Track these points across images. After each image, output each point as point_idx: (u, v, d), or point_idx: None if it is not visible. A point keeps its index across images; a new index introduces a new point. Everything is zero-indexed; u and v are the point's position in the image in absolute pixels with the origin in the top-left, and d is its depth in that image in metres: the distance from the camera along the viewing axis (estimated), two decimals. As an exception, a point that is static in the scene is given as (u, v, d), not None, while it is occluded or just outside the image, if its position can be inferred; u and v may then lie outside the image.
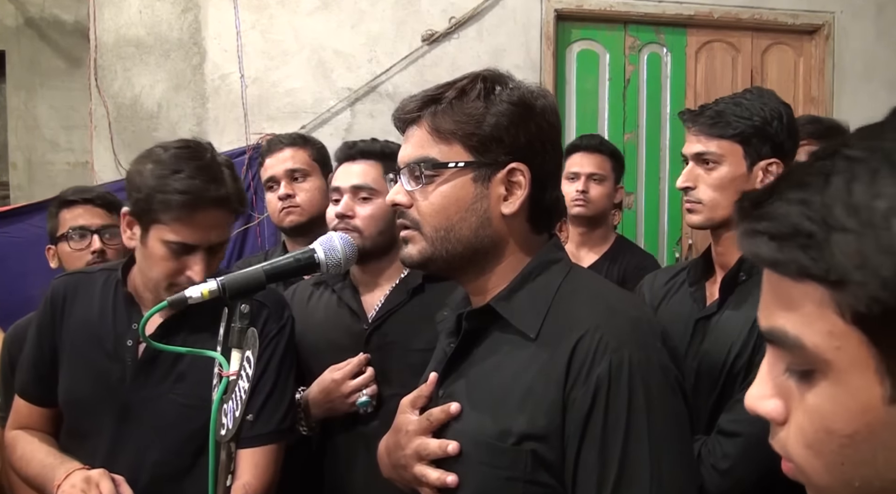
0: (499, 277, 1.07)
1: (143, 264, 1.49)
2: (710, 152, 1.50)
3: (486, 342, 1.07)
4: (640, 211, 4.08)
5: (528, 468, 0.96)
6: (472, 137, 1.02)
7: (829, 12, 4.06)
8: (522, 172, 1.03)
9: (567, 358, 0.96)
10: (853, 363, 0.49)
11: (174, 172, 1.39)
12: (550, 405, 0.96)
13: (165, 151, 1.44)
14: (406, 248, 1.08)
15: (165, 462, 1.48)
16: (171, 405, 1.48)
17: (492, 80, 1.05)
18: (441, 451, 1.04)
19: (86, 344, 1.53)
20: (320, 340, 1.70)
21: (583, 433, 0.94)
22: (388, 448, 1.15)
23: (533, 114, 1.04)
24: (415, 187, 1.05)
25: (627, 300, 1.10)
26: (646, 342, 0.99)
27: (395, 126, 1.11)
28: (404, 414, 1.13)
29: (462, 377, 1.08)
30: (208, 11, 3.62)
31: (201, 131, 3.61)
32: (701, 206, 1.51)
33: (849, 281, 0.48)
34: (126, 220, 1.48)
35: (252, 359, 1.09)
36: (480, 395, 1.04)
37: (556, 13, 3.83)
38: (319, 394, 1.64)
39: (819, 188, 0.50)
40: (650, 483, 0.92)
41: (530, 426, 0.96)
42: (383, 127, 3.69)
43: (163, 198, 1.38)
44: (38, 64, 4.00)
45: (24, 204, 3.18)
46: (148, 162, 1.43)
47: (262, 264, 1.17)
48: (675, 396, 0.98)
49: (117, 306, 1.55)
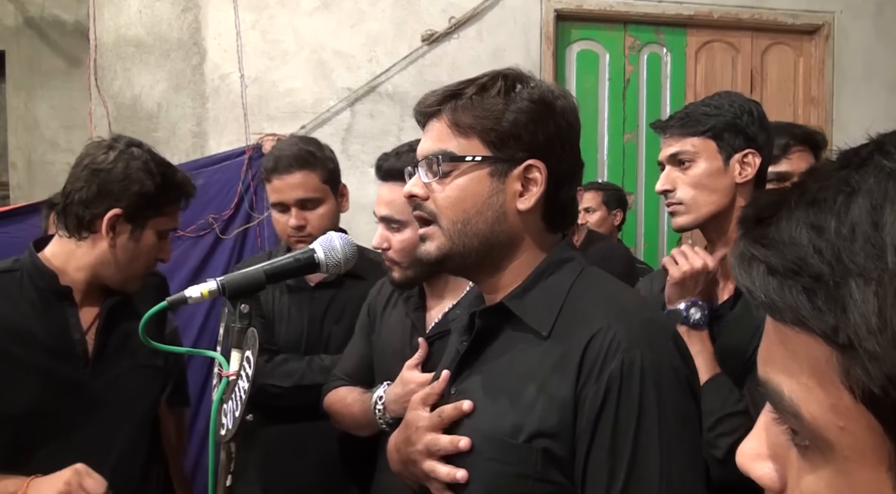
0: (512, 274, 1.07)
1: (122, 259, 1.55)
2: (684, 151, 1.50)
3: (499, 340, 1.08)
4: (639, 211, 4.08)
5: (538, 465, 0.96)
6: (490, 132, 1.03)
7: (829, 12, 4.06)
8: (539, 169, 1.04)
9: (579, 356, 0.97)
10: (860, 451, 0.38)
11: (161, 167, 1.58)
12: (562, 402, 0.96)
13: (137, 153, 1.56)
14: (424, 245, 1.08)
15: (125, 459, 1.55)
16: (137, 374, 1.56)
17: (513, 78, 1.06)
18: (453, 447, 1.04)
19: (17, 349, 1.45)
20: (387, 345, 1.70)
21: (593, 431, 0.95)
22: (398, 444, 1.16)
23: (552, 113, 1.05)
24: (432, 179, 1.06)
25: (639, 301, 1.11)
26: (657, 342, 0.99)
27: (416, 120, 1.12)
28: (415, 411, 1.14)
29: (474, 374, 1.09)
30: (208, 11, 3.62)
31: (201, 131, 3.61)
32: (683, 207, 1.50)
33: (862, 349, 0.36)
34: (108, 223, 1.50)
35: (252, 359, 1.09)
36: (492, 392, 1.04)
37: (556, 13, 3.83)
38: (399, 393, 1.59)
39: (836, 210, 0.38)
40: (659, 482, 0.93)
41: (542, 424, 0.97)
42: (383, 127, 3.70)
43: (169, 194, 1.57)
44: (37, 64, 4.00)
45: (24, 204, 3.18)
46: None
47: (262, 264, 1.18)
48: (686, 396, 0.98)
49: (45, 303, 1.52)
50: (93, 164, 1.51)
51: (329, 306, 1.95)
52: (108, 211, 1.50)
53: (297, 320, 1.95)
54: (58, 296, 1.53)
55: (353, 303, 1.90)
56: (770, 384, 0.43)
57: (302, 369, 1.87)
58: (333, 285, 1.95)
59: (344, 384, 1.72)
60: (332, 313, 1.95)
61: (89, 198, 1.49)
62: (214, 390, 1.10)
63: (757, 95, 4.09)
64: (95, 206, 1.49)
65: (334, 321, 1.95)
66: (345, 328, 1.91)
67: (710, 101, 1.52)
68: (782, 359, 0.41)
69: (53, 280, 1.52)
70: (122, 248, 1.53)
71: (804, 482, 0.42)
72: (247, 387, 1.08)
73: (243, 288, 1.13)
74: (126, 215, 1.50)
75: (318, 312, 1.95)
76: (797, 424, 0.41)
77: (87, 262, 1.54)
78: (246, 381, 1.08)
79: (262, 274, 1.15)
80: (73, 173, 1.53)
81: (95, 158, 1.51)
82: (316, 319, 1.94)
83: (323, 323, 1.95)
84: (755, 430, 0.47)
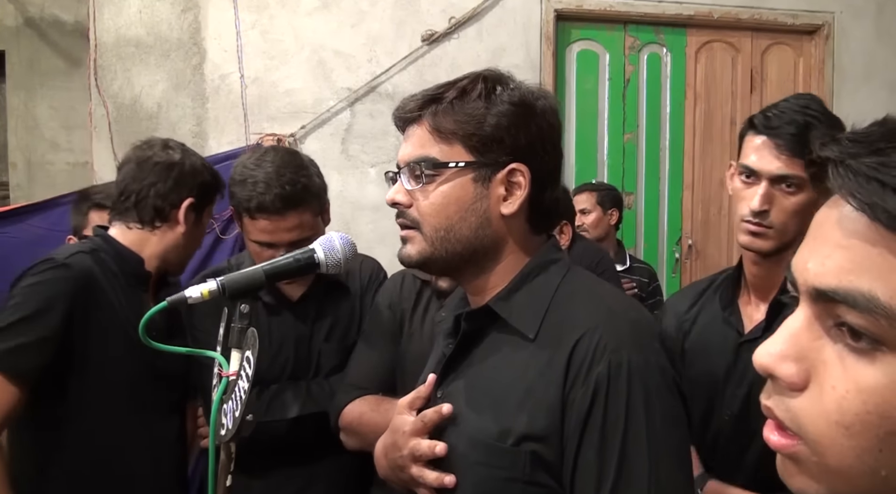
0: (497, 277, 1.07)
1: (188, 244, 1.73)
2: (794, 176, 1.34)
3: (485, 343, 1.07)
4: (639, 211, 4.08)
5: (526, 468, 0.96)
6: (472, 137, 1.02)
7: (829, 12, 4.06)
8: (522, 172, 1.03)
9: (566, 359, 0.96)
10: None
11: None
12: (550, 405, 0.96)
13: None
14: (405, 248, 1.08)
15: (182, 434, 1.78)
16: (183, 359, 1.59)
17: (493, 80, 1.05)
18: (430, 452, 1.04)
19: (130, 322, 1.54)
20: (426, 351, 1.57)
21: (581, 433, 0.94)
22: (386, 449, 1.15)
23: (533, 114, 1.04)
24: (415, 186, 1.04)
25: (625, 301, 1.10)
26: (644, 343, 0.99)
27: (396, 125, 1.11)
28: (401, 415, 1.13)
29: (461, 377, 1.08)
30: (208, 11, 3.62)
31: (201, 131, 3.61)
32: (772, 231, 1.36)
33: None
34: (185, 211, 1.68)
35: (252, 359, 1.09)
36: (479, 396, 1.04)
37: (556, 13, 3.83)
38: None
39: None
40: (648, 484, 0.92)
41: (530, 427, 0.96)
42: (383, 127, 3.70)
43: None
44: (37, 64, 4.00)
45: (24, 204, 3.17)
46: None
47: (262, 263, 1.17)
48: (674, 397, 0.98)
49: (128, 286, 1.64)
50: (162, 161, 1.67)
51: (315, 323, 1.75)
52: (183, 201, 1.67)
53: (280, 342, 1.72)
54: (138, 280, 1.66)
55: (342, 316, 1.77)
56: (856, 291, 0.48)
57: (301, 397, 1.67)
58: (316, 298, 1.76)
59: (361, 396, 1.58)
60: (319, 330, 1.75)
61: (167, 190, 1.66)
62: (214, 390, 1.10)
63: (757, 96, 4.09)
64: (172, 197, 1.67)
65: (322, 339, 1.75)
66: (336, 345, 1.75)
67: (823, 117, 1.37)
68: (881, 268, 0.48)
69: (140, 265, 1.67)
70: (189, 234, 1.71)
71: (862, 373, 0.48)
72: (246, 387, 1.08)
73: (243, 288, 1.13)
74: (195, 204, 1.69)
75: (304, 331, 1.74)
76: (876, 322, 0.47)
77: (160, 249, 1.69)
78: (246, 381, 1.08)
79: (262, 274, 1.15)
80: (136, 173, 1.67)
81: (161, 157, 1.67)
82: (303, 339, 1.74)
83: (310, 343, 1.74)
84: (778, 336, 0.52)
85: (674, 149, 4.07)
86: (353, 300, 1.80)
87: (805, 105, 1.38)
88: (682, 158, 4.09)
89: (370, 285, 1.82)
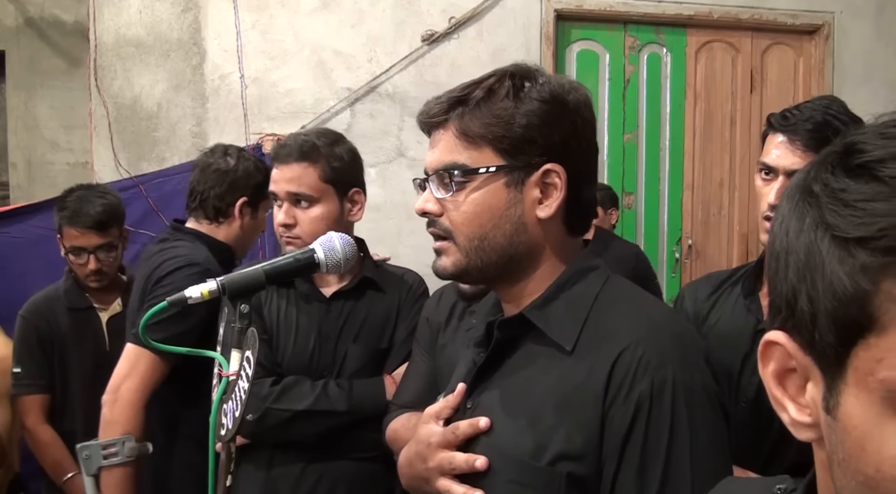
0: (534, 284, 1.01)
1: (247, 235, 2.07)
2: None
3: (519, 353, 1.01)
4: (639, 211, 4.08)
5: (562, 490, 0.91)
6: (502, 139, 0.97)
7: (829, 12, 4.06)
8: (558, 172, 0.97)
9: (606, 374, 0.91)
10: None
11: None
12: (588, 422, 0.91)
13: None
14: (439, 260, 1.03)
15: None
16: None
17: (521, 76, 1.00)
18: (468, 466, 0.98)
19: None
20: (454, 355, 1.53)
21: (621, 453, 0.90)
22: (410, 460, 1.09)
23: (566, 110, 0.99)
24: (445, 194, 0.99)
25: (668, 315, 1.04)
26: (689, 360, 0.94)
27: (421, 129, 1.06)
28: (427, 425, 1.07)
29: (492, 388, 1.03)
30: (208, 11, 3.62)
31: (201, 132, 3.61)
32: None
33: None
34: (239, 208, 2.01)
35: (252, 359, 1.09)
36: (512, 409, 0.98)
37: (556, 13, 3.83)
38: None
39: None
40: None
41: (566, 445, 0.92)
42: (383, 127, 3.70)
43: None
44: (37, 64, 4.00)
45: (24, 204, 3.18)
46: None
47: (263, 263, 1.18)
48: (718, 418, 0.94)
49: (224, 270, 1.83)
50: (219, 168, 2.00)
51: (346, 322, 1.72)
52: (237, 200, 2.00)
53: (306, 336, 1.70)
54: (226, 268, 1.84)
55: (374, 320, 1.74)
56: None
57: (317, 393, 1.64)
58: (352, 297, 1.74)
59: (404, 413, 1.54)
60: (348, 329, 1.72)
61: (223, 192, 1.99)
62: (214, 390, 1.10)
63: (757, 96, 4.09)
64: (228, 198, 1.99)
65: (351, 339, 1.72)
66: (363, 348, 1.72)
67: (845, 117, 1.36)
68: None
69: (231, 255, 2.01)
70: (247, 226, 2.05)
71: None
72: (246, 387, 1.08)
73: (243, 288, 1.13)
74: (248, 201, 2.01)
75: (333, 328, 1.71)
76: None
77: (225, 238, 2.01)
78: (246, 381, 1.08)
79: (262, 274, 1.15)
80: (202, 177, 2.00)
81: (219, 164, 2.00)
82: (330, 336, 1.71)
83: (338, 341, 1.71)
84: None
85: (674, 149, 4.07)
86: (390, 308, 1.77)
87: (826, 105, 1.38)
88: (682, 158, 4.08)
89: (409, 297, 1.79)
